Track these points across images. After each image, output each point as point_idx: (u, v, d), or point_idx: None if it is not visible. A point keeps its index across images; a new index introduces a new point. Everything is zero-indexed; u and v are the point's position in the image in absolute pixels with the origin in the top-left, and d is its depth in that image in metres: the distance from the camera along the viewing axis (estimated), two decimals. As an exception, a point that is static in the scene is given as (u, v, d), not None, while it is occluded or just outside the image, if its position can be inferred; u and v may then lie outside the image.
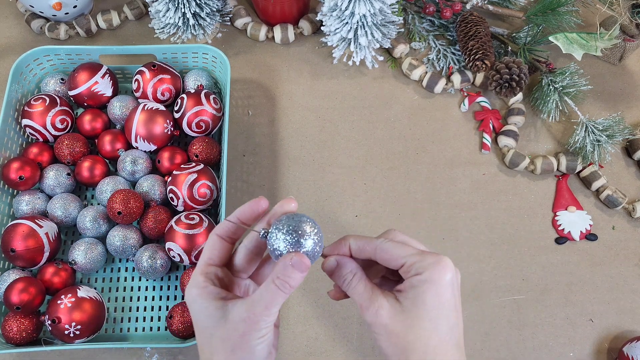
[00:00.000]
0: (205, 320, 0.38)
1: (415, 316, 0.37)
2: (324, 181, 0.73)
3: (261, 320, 0.37)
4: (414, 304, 0.38)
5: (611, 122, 0.71)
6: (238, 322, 0.37)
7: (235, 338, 0.37)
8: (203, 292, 0.39)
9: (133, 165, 0.68)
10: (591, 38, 0.73)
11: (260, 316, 0.37)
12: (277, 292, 0.37)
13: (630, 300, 0.67)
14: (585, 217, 0.71)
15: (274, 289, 0.37)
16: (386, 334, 0.38)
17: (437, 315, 0.37)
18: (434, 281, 0.37)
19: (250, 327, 0.37)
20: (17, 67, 0.70)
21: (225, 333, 0.37)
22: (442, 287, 0.37)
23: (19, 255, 0.61)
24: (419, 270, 0.38)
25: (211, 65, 0.75)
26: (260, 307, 0.37)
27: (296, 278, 0.37)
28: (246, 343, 0.37)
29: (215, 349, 0.38)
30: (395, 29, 0.76)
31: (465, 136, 0.76)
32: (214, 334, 0.38)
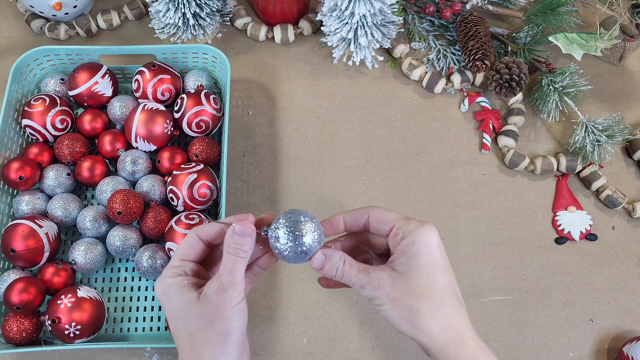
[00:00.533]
0: (178, 303, 0.41)
1: (414, 278, 0.40)
2: (324, 181, 0.73)
3: (230, 287, 0.40)
4: (409, 266, 0.41)
5: (611, 122, 0.71)
6: (211, 295, 0.40)
7: (212, 310, 0.40)
8: (175, 280, 0.42)
9: (133, 165, 0.68)
10: (591, 38, 0.73)
11: (228, 284, 0.40)
12: (235, 258, 0.41)
13: (630, 300, 0.67)
14: (585, 217, 0.71)
15: (230, 257, 0.41)
16: (390, 301, 0.40)
17: (433, 272, 0.41)
18: (423, 242, 0.41)
19: (222, 297, 0.40)
20: (17, 67, 0.70)
21: (200, 309, 0.40)
22: (431, 246, 0.41)
23: (19, 255, 0.61)
24: (406, 234, 0.41)
25: (211, 65, 0.75)
26: (225, 276, 0.40)
27: (245, 243, 0.41)
28: (222, 313, 0.40)
29: (193, 327, 0.40)
30: (395, 29, 0.76)
31: (465, 136, 0.76)
32: (189, 314, 0.41)
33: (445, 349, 0.40)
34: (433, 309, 0.40)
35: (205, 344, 0.40)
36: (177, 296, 0.41)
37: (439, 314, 0.41)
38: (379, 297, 0.41)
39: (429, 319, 0.40)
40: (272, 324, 0.65)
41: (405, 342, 0.64)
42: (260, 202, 0.71)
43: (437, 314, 0.41)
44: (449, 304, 0.41)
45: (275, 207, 0.71)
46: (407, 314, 0.40)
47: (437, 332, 0.40)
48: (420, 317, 0.40)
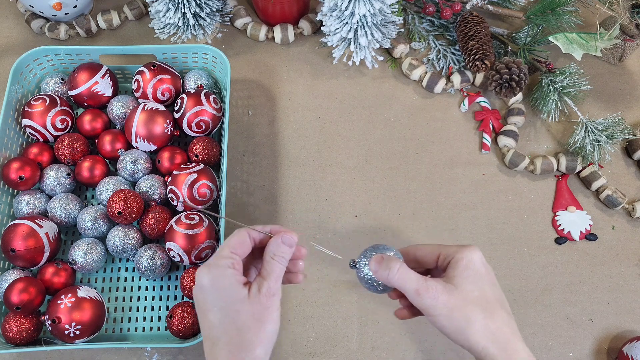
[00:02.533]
0: (231, 296, 0.43)
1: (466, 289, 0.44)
2: (324, 181, 0.73)
3: (276, 292, 0.44)
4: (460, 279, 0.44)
5: (611, 122, 0.71)
6: (262, 296, 0.43)
7: (262, 311, 0.43)
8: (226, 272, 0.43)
9: (133, 165, 0.68)
10: (591, 38, 0.73)
11: (274, 288, 0.44)
12: (280, 265, 0.45)
13: (630, 300, 0.67)
14: (585, 217, 0.71)
15: (277, 264, 0.45)
16: (447, 310, 0.43)
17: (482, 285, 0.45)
18: (469, 258, 0.45)
19: (270, 300, 0.43)
20: (17, 67, 0.70)
21: (254, 308, 0.43)
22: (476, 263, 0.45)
23: (19, 255, 0.61)
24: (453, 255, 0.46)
25: (211, 65, 0.75)
26: (272, 281, 0.44)
27: (288, 252, 0.46)
28: (270, 314, 0.43)
29: (245, 324, 0.42)
30: (395, 29, 0.76)
31: (465, 136, 0.76)
32: (242, 309, 0.42)
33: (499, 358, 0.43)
34: (486, 320, 0.43)
35: (257, 342, 0.42)
36: (231, 289, 0.43)
37: (492, 324, 0.43)
38: (435, 307, 0.43)
39: (482, 329, 0.43)
40: (272, 324, 0.65)
41: (405, 342, 0.64)
42: (260, 202, 0.71)
43: (490, 324, 0.43)
44: (500, 315, 0.44)
45: (275, 207, 0.71)
46: (462, 324, 0.43)
47: (490, 342, 0.43)
48: (475, 328, 0.43)
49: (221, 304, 0.43)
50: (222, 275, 0.43)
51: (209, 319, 0.43)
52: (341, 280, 0.67)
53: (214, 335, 0.43)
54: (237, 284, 0.43)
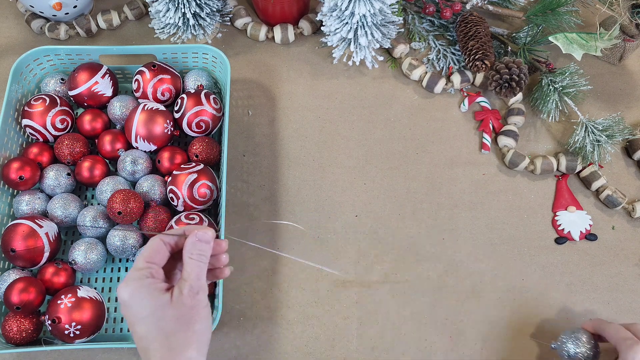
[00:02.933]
0: (152, 305, 0.43)
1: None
2: (324, 181, 0.73)
3: (200, 290, 0.44)
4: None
5: (611, 122, 0.71)
6: (185, 297, 0.43)
7: (187, 312, 0.43)
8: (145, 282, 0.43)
9: (133, 165, 0.68)
10: (591, 38, 0.73)
11: (198, 287, 0.44)
12: (199, 264, 0.45)
13: (630, 300, 0.67)
14: (585, 217, 0.71)
15: (195, 262, 0.45)
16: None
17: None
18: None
19: (194, 299, 0.43)
20: (17, 67, 0.70)
21: (178, 311, 0.43)
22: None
23: (19, 255, 0.61)
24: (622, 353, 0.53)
25: (211, 65, 0.75)
26: (194, 280, 0.44)
27: (207, 249, 0.46)
28: (197, 313, 0.43)
29: (171, 328, 0.42)
30: (395, 29, 0.76)
31: (465, 136, 0.76)
32: (165, 315, 0.42)
33: None
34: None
35: (185, 344, 0.42)
36: (150, 298, 0.43)
37: None
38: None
39: None
40: (272, 323, 0.65)
41: (405, 342, 0.64)
42: (260, 202, 0.71)
43: None
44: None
45: (275, 207, 0.71)
46: None
47: None
48: None
49: (144, 314, 0.43)
50: (140, 286, 0.43)
51: (136, 332, 0.43)
52: (341, 281, 0.67)
53: (144, 346, 0.43)
54: (156, 292, 0.43)
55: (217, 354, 0.63)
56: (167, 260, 0.47)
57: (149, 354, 0.43)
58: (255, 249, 0.68)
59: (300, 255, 0.68)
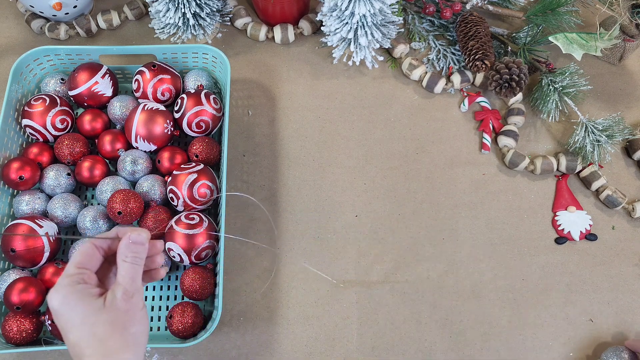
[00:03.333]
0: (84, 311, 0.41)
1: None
2: (324, 181, 0.73)
3: (135, 293, 0.43)
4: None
5: (611, 122, 0.71)
6: (119, 301, 0.42)
7: (122, 316, 0.42)
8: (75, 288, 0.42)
9: (133, 165, 0.67)
10: (591, 38, 0.73)
11: (133, 290, 0.43)
12: (134, 266, 0.44)
13: (630, 300, 0.67)
14: (585, 217, 0.71)
15: (129, 265, 0.43)
16: None
17: None
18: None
19: (129, 303, 0.42)
20: (17, 67, 0.70)
21: (112, 316, 0.42)
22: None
23: (19, 256, 0.61)
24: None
25: (211, 65, 0.75)
26: (128, 283, 0.43)
27: (142, 251, 0.44)
28: (132, 316, 0.42)
29: (105, 333, 0.41)
30: (395, 29, 0.76)
31: (465, 136, 0.76)
32: (97, 321, 0.41)
33: None
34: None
35: (120, 347, 0.42)
36: (82, 304, 0.42)
37: None
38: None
39: None
40: (272, 324, 0.65)
41: (405, 342, 0.64)
42: (260, 202, 0.71)
43: None
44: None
45: (275, 207, 0.71)
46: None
47: None
48: None
49: (76, 321, 0.42)
50: (70, 292, 0.42)
51: (69, 339, 0.42)
52: (341, 281, 0.67)
53: (78, 354, 0.42)
54: (88, 297, 0.42)
55: (217, 354, 0.63)
56: (101, 265, 0.46)
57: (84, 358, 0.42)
58: (256, 248, 0.68)
59: (300, 256, 0.68)
